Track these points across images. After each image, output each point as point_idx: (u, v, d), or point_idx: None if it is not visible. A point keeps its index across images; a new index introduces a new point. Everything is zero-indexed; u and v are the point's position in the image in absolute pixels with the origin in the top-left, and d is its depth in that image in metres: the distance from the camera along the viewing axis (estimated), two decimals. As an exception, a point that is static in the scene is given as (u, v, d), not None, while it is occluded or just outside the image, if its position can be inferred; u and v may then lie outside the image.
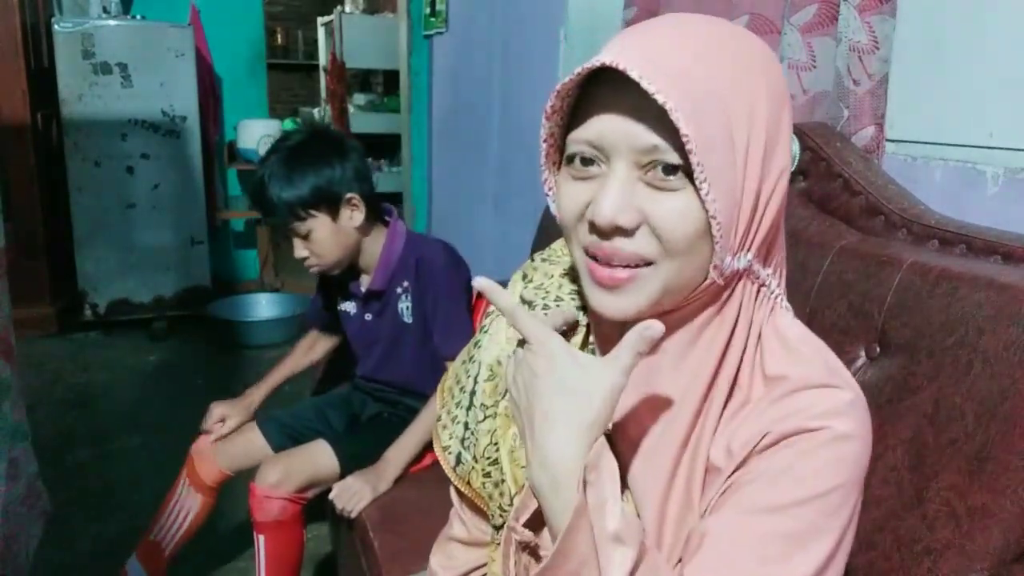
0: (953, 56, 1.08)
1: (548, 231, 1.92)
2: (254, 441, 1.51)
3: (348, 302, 1.52)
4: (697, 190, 0.52)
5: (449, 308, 1.40)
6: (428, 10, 3.32)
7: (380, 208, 1.45)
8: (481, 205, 2.92)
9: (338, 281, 1.50)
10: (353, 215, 1.36)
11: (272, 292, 3.79)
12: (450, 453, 0.74)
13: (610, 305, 0.56)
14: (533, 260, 0.76)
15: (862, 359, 0.92)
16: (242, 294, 3.72)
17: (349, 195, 1.34)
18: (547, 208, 1.98)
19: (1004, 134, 1.01)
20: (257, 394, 1.56)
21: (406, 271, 1.42)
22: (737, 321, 0.59)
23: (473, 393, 0.72)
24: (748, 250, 0.56)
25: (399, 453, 1.37)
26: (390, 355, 1.48)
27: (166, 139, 3.35)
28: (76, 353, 3.20)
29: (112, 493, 2.12)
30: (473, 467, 0.71)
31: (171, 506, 1.52)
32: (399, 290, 1.44)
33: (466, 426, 0.72)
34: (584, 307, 0.67)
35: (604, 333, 0.64)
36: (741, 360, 0.59)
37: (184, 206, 3.44)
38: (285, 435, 1.52)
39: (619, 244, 0.54)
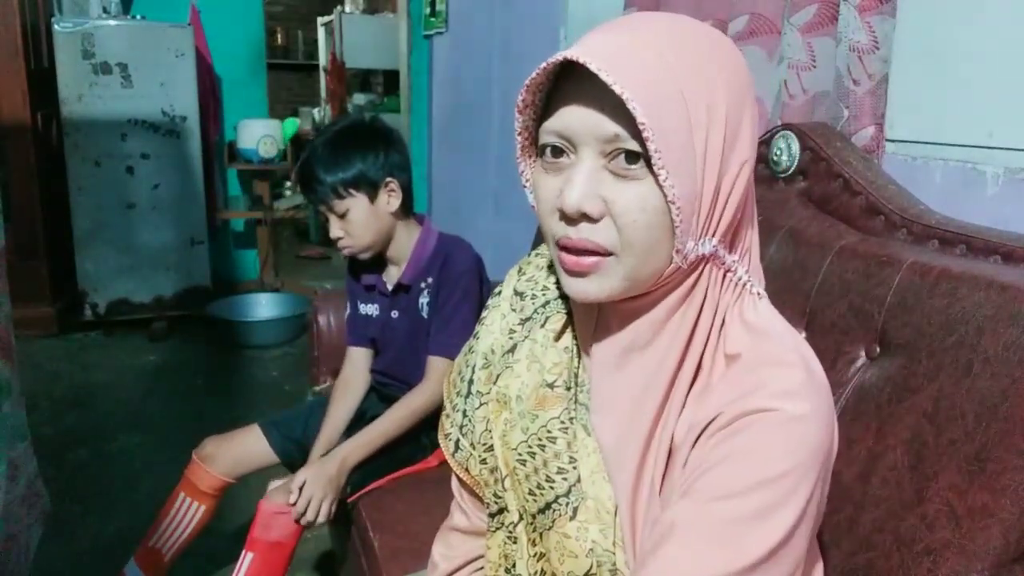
0: (953, 56, 1.08)
1: (548, 231, 1.92)
2: (256, 445, 1.51)
3: (371, 304, 1.53)
4: (656, 178, 0.54)
5: (455, 310, 1.42)
6: (428, 10, 3.32)
7: (412, 202, 1.48)
8: (481, 205, 2.92)
9: (363, 281, 1.51)
10: (390, 200, 1.41)
11: (272, 292, 3.79)
12: (450, 440, 0.78)
13: (579, 290, 0.60)
14: (530, 255, 0.79)
15: (862, 359, 0.92)
16: (242, 294, 3.72)
17: (388, 180, 1.40)
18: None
19: (1004, 134, 1.01)
20: (320, 449, 1.45)
21: (433, 268, 1.45)
22: (703, 305, 0.61)
23: (471, 382, 0.76)
24: (712, 236, 0.59)
25: (359, 447, 1.37)
26: (408, 352, 1.49)
27: (166, 139, 3.35)
28: (76, 353, 3.20)
29: (112, 493, 2.12)
30: (471, 454, 0.75)
31: (171, 515, 1.51)
32: (423, 285, 1.46)
33: (464, 413, 0.76)
34: (558, 294, 0.72)
35: (581, 317, 0.68)
36: (706, 343, 0.61)
37: (184, 206, 3.44)
38: (287, 437, 1.52)
39: (586, 234, 0.57)
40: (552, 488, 0.67)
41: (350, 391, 1.53)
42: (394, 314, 1.49)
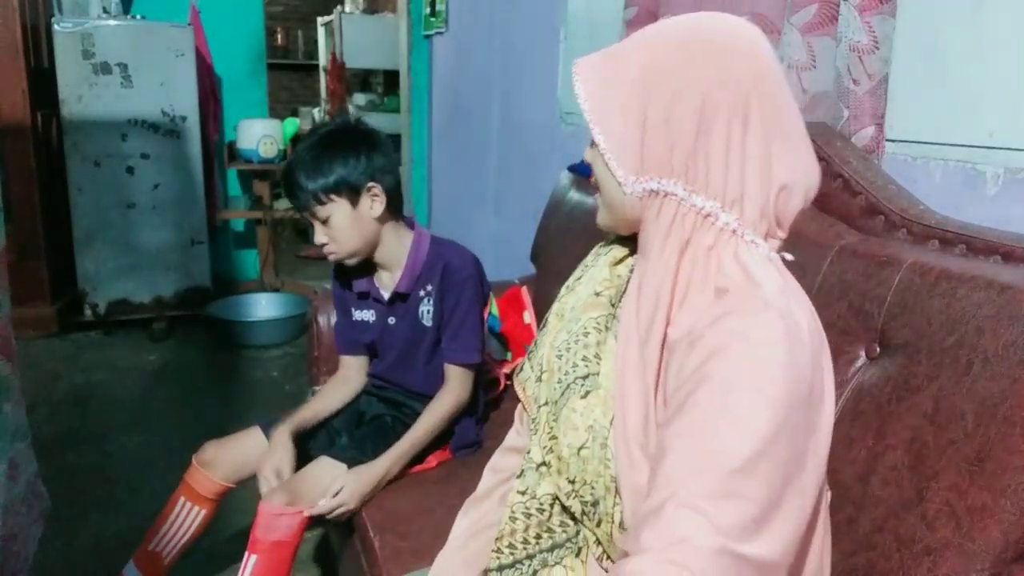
0: (953, 56, 1.08)
1: (548, 231, 1.92)
2: (258, 447, 1.50)
3: (366, 311, 1.51)
4: None
5: (464, 317, 1.42)
6: (428, 10, 3.32)
7: (402, 205, 1.47)
8: (481, 205, 2.92)
9: (355, 288, 1.50)
10: (373, 205, 1.38)
11: (272, 292, 3.79)
12: (520, 363, 0.91)
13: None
14: None
15: (862, 359, 0.92)
16: (242, 294, 3.72)
17: (371, 184, 1.37)
18: (547, 208, 2.00)
19: (1004, 134, 1.01)
20: (285, 433, 1.45)
21: (432, 275, 1.44)
22: (669, 234, 0.71)
23: (548, 313, 0.89)
24: (653, 174, 0.70)
25: (398, 459, 1.38)
26: (405, 357, 1.48)
27: (166, 139, 3.34)
28: (76, 353, 3.20)
29: (112, 493, 2.12)
30: (530, 375, 0.87)
31: (171, 519, 1.50)
32: (422, 293, 1.45)
33: (536, 343, 0.89)
34: (627, 237, 0.83)
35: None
36: (676, 269, 0.70)
37: (184, 206, 3.44)
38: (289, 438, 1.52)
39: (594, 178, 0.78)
40: (574, 371, 0.79)
41: (347, 388, 1.55)
42: (391, 320, 1.48)
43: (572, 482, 0.77)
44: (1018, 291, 0.77)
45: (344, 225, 1.36)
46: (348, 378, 1.56)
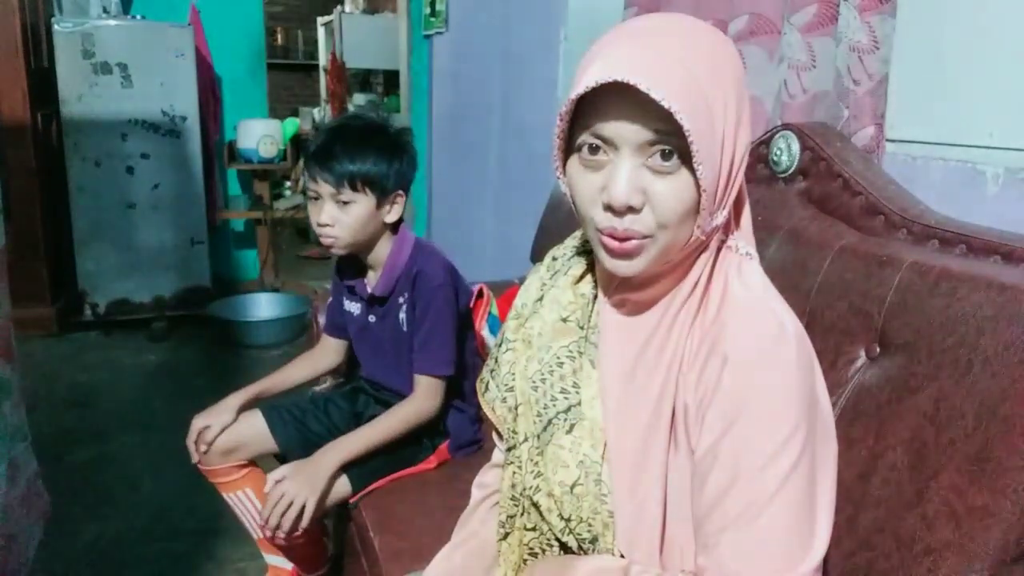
0: (953, 56, 1.08)
1: (548, 231, 1.92)
2: (262, 430, 1.49)
3: (354, 303, 1.53)
4: (693, 171, 0.63)
5: (433, 327, 1.41)
6: (428, 10, 3.32)
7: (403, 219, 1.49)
8: (481, 205, 2.92)
9: (347, 279, 1.51)
10: (392, 210, 1.41)
11: (272, 292, 3.79)
12: (483, 383, 0.89)
13: (622, 268, 0.68)
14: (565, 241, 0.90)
15: (862, 359, 0.92)
16: (242, 294, 3.72)
17: (398, 193, 1.40)
18: (547, 208, 1.99)
19: (1004, 134, 1.01)
20: (237, 398, 1.48)
21: (408, 282, 1.43)
22: (703, 270, 0.70)
23: (504, 332, 0.87)
24: (724, 209, 0.68)
25: (342, 450, 1.35)
26: (390, 361, 1.48)
27: (166, 139, 3.35)
28: (76, 353, 3.20)
29: (112, 493, 2.12)
30: (496, 395, 0.85)
31: (241, 513, 1.51)
32: (400, 300, 1.45)
33: (496, 360, 0.87)
34: (582, 251, 0.83)
35: (604, 276, 0.77)
36: (699, 306, 0.70)
37: (184, 206, 3.44)
38: (291, 429, 1.50)
39: (629, 223, 0.65)
40: (555, 406, 0.76)
41: (316, 365, 1.60)
42: (371, 318, 1.49)
43: (567, 520, 0.75)
44: (1018, 291, 0.76)
45: (360, 218, 1.37)
46: (323, 355, 1.61)
